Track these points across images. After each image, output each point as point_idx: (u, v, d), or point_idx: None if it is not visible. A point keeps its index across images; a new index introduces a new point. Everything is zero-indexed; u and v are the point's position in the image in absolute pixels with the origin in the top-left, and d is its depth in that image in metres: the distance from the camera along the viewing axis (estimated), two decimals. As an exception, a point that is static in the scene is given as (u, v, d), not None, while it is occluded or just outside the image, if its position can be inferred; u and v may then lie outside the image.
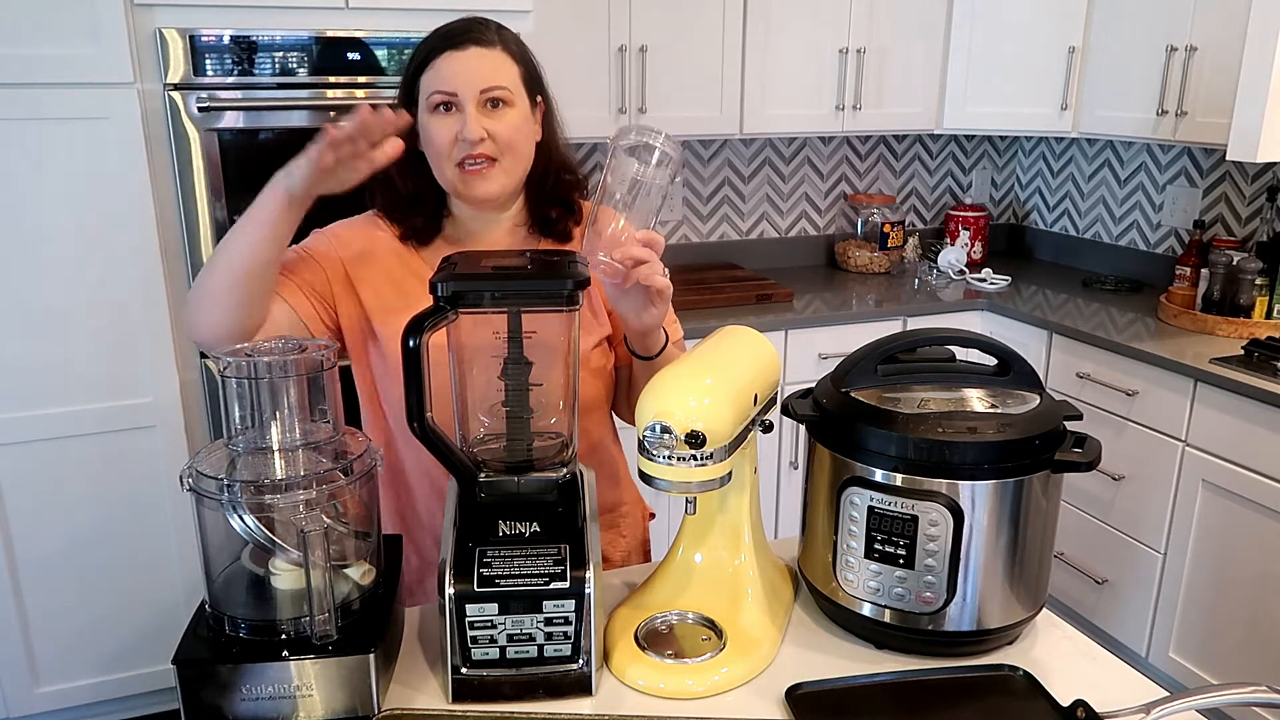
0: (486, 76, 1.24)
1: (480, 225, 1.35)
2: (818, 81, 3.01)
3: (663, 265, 1.13)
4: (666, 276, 1.13)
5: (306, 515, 0.94)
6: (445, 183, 1.28)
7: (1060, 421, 1.12)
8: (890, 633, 1.13)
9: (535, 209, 1.36)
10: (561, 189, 1.37)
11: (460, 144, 1.23)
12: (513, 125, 1.26)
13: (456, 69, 1.24)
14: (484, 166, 1.25)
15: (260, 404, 1.01)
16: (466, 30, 1.26)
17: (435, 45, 1.25)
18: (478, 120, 1.23)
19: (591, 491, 1.14)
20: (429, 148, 1.27)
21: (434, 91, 1.24)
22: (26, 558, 2.25)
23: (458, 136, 1.23)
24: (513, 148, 1.27)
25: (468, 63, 1.24)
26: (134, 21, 2.05)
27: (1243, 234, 2.93)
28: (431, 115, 1.25)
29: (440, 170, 1.27)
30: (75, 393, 2.20)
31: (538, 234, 1.37)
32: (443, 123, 1.24)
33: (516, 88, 1.28)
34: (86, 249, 2.13)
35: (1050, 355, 2.83)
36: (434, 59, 1.25)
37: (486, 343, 1.10)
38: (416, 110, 1.27)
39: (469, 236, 1.36)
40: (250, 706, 0.96)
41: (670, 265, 1.16)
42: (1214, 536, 2.38)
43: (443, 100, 1.24)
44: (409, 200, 1.33)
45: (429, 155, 1.28)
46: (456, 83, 1.23)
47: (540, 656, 1.03)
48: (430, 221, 1.34)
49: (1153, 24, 2.75)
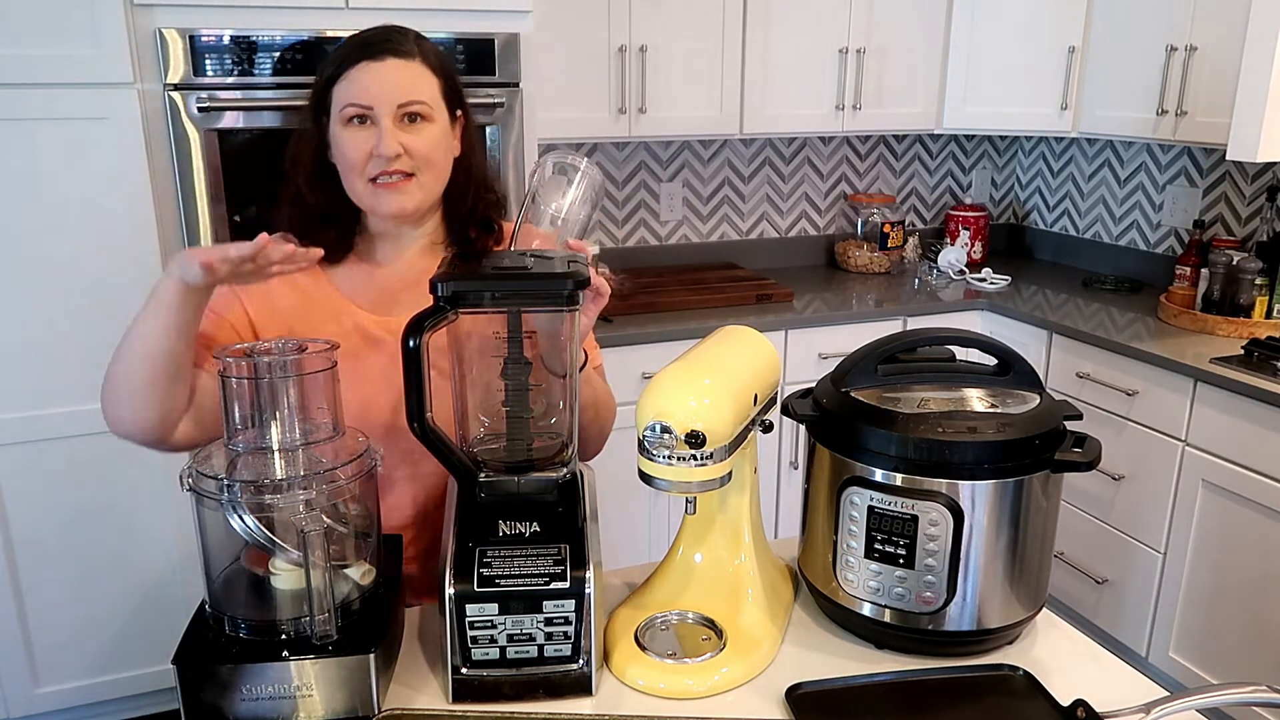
0: (404, 90, 1.19)
1: (394, 243, 1.30)
2: (818, 81, 3.01)
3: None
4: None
5: (306, 515, 0.94)
6: (356, 198, 1.23)
7: (1060, 421, 1.12)
8: (890, 633, 1.13)
9: (454, 227, 1.31)
10: (482, 208, 1.32)
11: (375, 159, 1.19)
12: (430, 141, 1.22)
13: (372, 81, 1.18)
14: (398, 181, 1.20)
15: (260, 404, 1.01)
16: (385, 40, 1.20)
17: (349, 55, 1.20)
18: (394, 135, 1.18)
19: (591, 491, 1.14)
20: (340, 161, 1.22)
21: (348, 104, 1.18)
22: (26, 557, 2.25)
23: (372, 152, 1.18)
24: (430, 164, 1.23)
25: (384, 75, 1.19)
26: (134, 22, 2.05)
27: (1242, 234, 2.93)
28: (344, 128, 1.20)
29: (351, 185, 1.22)
30: (75, 393, 2.20)
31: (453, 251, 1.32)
32: (356, 136, 1.19)
33: (436, 102, 1.23)
34: (86, 249, 2.13)
35: (1050, 355, 2.83)
36: (348, 69, 1.19)
37: (487, 343, 1.10)
38: (328, 120, 1.22)
39: (382, 255, 1.31)
40: (250, 707, 0.96)
41: (670, 265, 1.17)
42: (1214, 536, 2.38)
43: (357, 113, 1.18)
44: (319, 217, 1.26)
45: (340, 169, 1.23)
46: (372, 96, 1.18)
47: (540, 656, 1.03)
48: (342, 238, 1.28)
49: (1152, 24, 2.75)
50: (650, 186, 3.26)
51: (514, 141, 2.35)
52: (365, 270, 1.31)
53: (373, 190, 1.21)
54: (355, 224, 1.29)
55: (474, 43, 2.26)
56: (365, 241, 1.31)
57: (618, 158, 3.19)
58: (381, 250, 1.31)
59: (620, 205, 3.24)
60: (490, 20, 2.29)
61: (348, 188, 1.23)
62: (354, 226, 1.29)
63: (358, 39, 1.21)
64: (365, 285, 1.30)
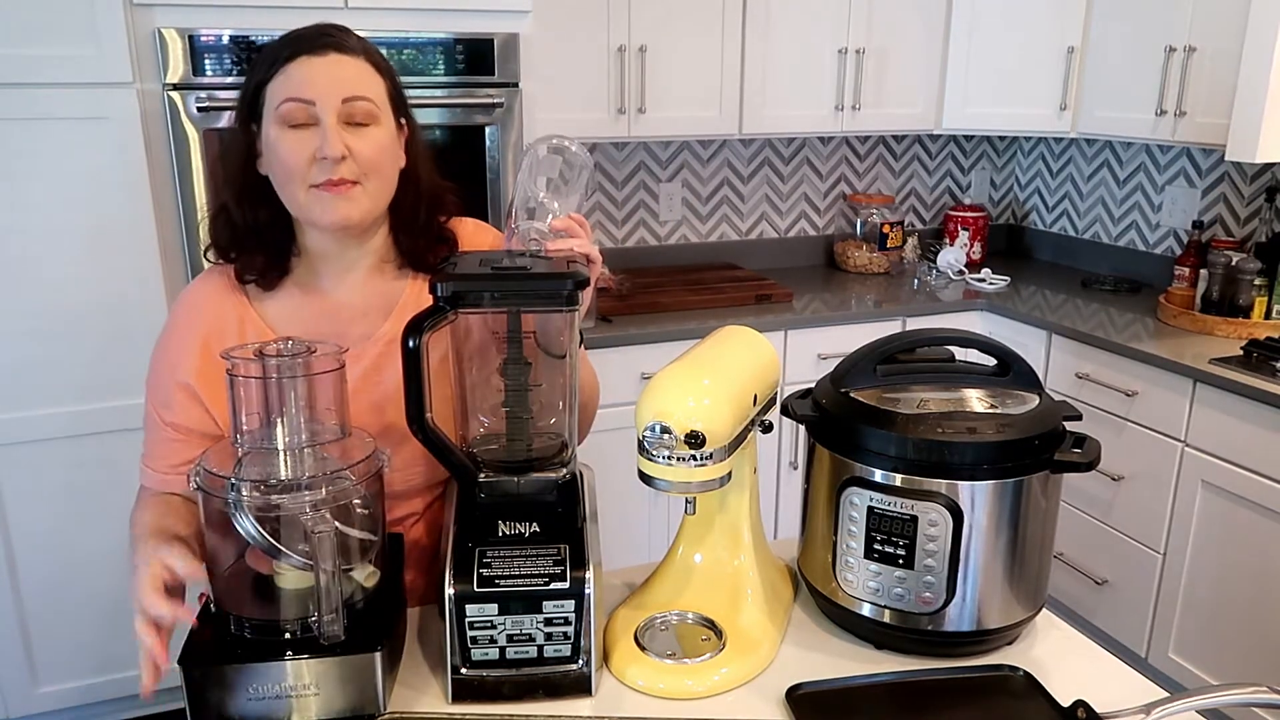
0: (349, 84, 1.08)
1: (337, 264, 1.18)
2: (817, 82, 3.01)
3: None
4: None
5: (314, 517, 0.94)
6: (296, 207, 1.11)
7: (1060, 422, 1.12)
8: (890, 633, 1.13)
9: (404, 243, 1.21)
10: (434, 223, 1.22)
11: (318, 163, 1.07)
12: (378, 144, 1.10)
13: (314, 74, 1.07)
14: (345, 186, 1.09)
15: (267, 404, 1.00)
16: (324, 34, 1.09)
17: (285, 51, 1.08)
18: (338, 134, 1.07)
19: (591, 492, 1.14)
20: (277, 168, 1.09)
21: (286, 99, 1.06)
22: (26, 557, 2.25)
23: (315, 155, 1.06)
24: (378, 170, 1.11)
25: (327, 69, 1.07)
26: (133, 21, 2.05)
27: (1241, 234, 2.94)
28: (282, 130, 1.07)
29: (291, 194, 1.10)
30: (75, 393, 2.20)
31: (409, 271, 1.22)
32: (295, 138, 1.07)
33: (382, 102, 1.12)
34: (86, 249, 2.13)
35: (1050, 355, 2.83)
36: (284, 65, 1.07)
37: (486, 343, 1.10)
38: (258, 126, 1.11)
39: (327, 280, 1.19)
40: (256, 706, 0.96)
41: (670, 265, 1.17)
42: (1214, 536, 2.38)
43: (296, 109, 1.06)
44: (247, 233, 1.15)
45: (276, 177, 1.10)
46: (315, 89, 1.06)
47: (540, 657, 1.03)
48: (274, 260, 1.17)
49: (1152, 24, 2.75)
50: (650, 187, 3.26)
51: (513, 142, 2.35)
52: (308, 300, 1.20)
53: (315, 196, 1.09)
54: (290, 244, 1.18)
55: (473, 43, 2.26)
56: (304, 265, 1.20)
57: (617, 158, 3.19)
58: (325, 274, 1.20)
59: (620, 205, 3.24)
60: (490, 20, 2.29)
61: (287, 198, 1.11)
62: (289, 247, 1.18)
63: (293, 35, 1.09)
64: (308, 317, 1.19)
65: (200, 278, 1.23)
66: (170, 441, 1.18)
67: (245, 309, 1.19)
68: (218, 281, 1.20)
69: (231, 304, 1.19)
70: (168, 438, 1.18)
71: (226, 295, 1.19)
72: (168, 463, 1.19)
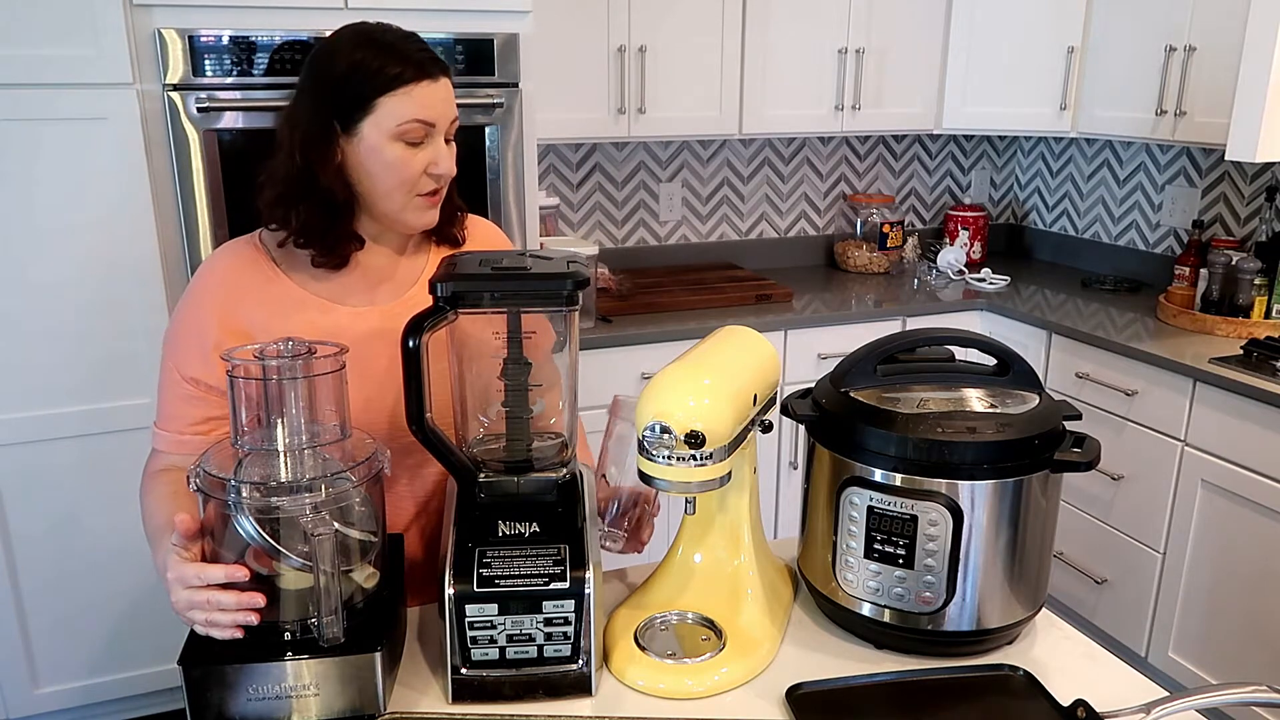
0: (453, 107, 1.22)
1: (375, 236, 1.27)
2: (817, 81, 3.01)
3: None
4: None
5: (314, 519, 0.94)
6: (391, 210, 1.21)
7: (1059, 421, 1.12)
8: (890, 633, 1.13)
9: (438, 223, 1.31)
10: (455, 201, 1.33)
11: (429, 177, 1.20)
12: (456, 155, 1.25)
13: (435, 99, 1.18)
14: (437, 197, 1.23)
15: (268, 405, 1.00)
16: (435, 61, 1.20)
17: (408, 72, 1.16)
18: (450, 153, 1.22)
19: (591, 492, 1.14)
20: (386, 176, 1.18)
21: (413, 120, 1.16)
22: (26, 558, 2.25)
23: (428, 169, 1.19)
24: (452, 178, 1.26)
25: (441, 94, 1.19)
26: (133, 22, 2.05)
27: (1242, 234, 2.94)
28: (395, 144, 1.17)
29: (390, 198, 1.20)
30: (75, 393, 2.20)
31: (430, 240, 1.33)
32: (410, 153, 1.18)
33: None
34: (86, 249, 2.13)
35: (1049, 355, 2.83)
36: (407, 85, 1.16)
37: (486, 343, 1.10)
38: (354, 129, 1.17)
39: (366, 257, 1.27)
40: (257, 706, 0.96)
41: (670, 265, 1.17)
42: (1213, 536, 2.38)
43: (418, 129, 1.17)
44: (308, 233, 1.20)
45: (379, 183, 1.19)
46: (435, 113, 1.18)
47: (540, 657, 1.03)
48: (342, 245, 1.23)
49: (1151, 24, 2.75)
50: (650, 187, 3.26)
51: (513, 141, 2.35)
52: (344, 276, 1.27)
53: (415, 203, 1.21)
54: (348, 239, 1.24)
55: (473, 43, 2.26)
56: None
57: (617, 158, 3.19)
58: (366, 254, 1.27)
59: (620, 205, 3.24)
60: (489, 20, 2.29)
61: (381, 199, 1.20)
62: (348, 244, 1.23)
63: (400, 52, 1.17)
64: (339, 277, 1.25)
65: (222, 247, 1.28)
66: (188, 399, 1.20)
67: (272, 269, 1.23)
68: (243, 249, 1.26)
69: (258, 265, 1.23)
70: (185, 395, 1.20)
71: (253, 258, 1.24)
72: (184, 422, 1.21)
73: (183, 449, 1.20)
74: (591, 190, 3.19)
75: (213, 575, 0.96)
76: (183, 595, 0.97)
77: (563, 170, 3.13)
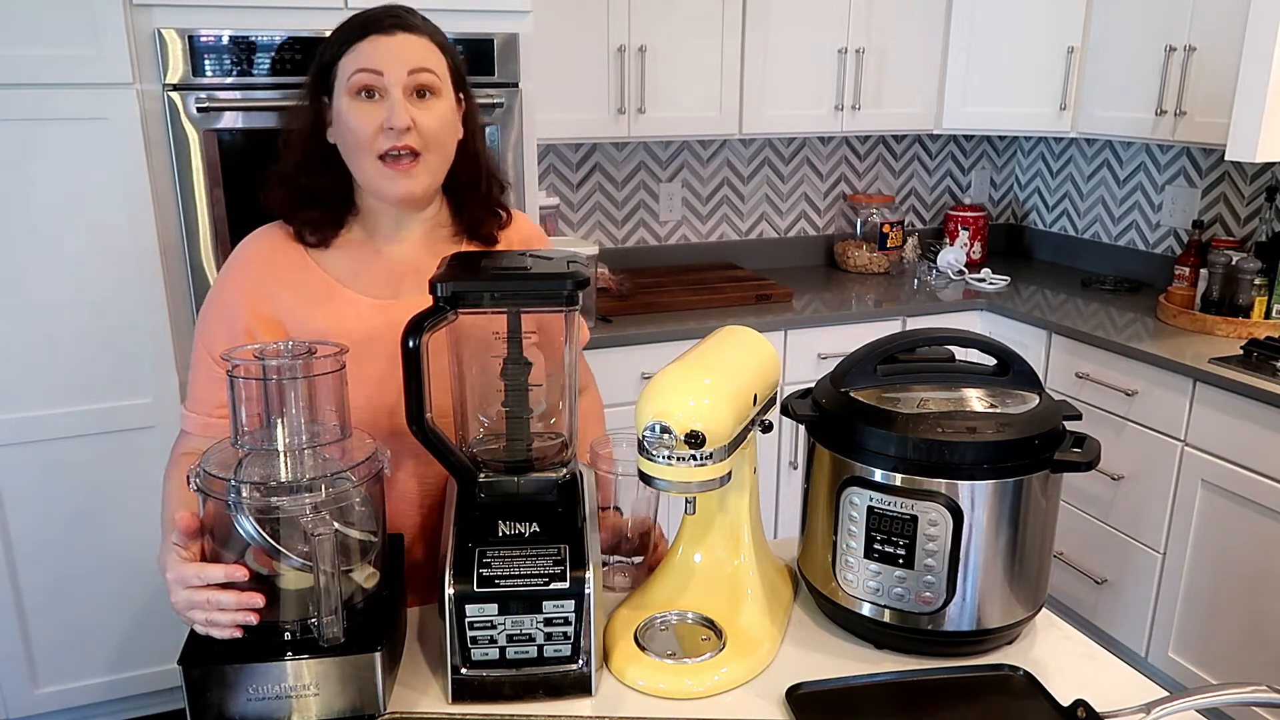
0: (414, 58, 1.16)
1: (393, 226, 1.26)
2: (817, 81, 3.01)
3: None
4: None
5: (314, 519, 0.94)
6: (363, 178, 1.19)
7: (1059, 421, 1.12)
8: (890, 633, 1.13)
9: (463, 212, 1.30)
10: (495, 195, 1.31)
11: (385, 133, 1.15)
12: (440, 117, 1.18)
13: (384, 50, 1.15)
14: (408, 162, 1.17)
15: (268, 405, 1.00)
16: (392, 15, 1.18)
17: (356, 30, 1.17)
18: (405, 106, 1.15)
19: (591, 492, 1.14)
20: (347, 137, 1.17)
21: (358, 70, 1.15)
22: (26, 558, 2.25)
23: (382, 125, 1.14)
24: (439, 144, 1.19)
25: (395, 45, 1.16)
26: (133, 22, 2.05)
27: (1241, 234, 2.94)
28: (352, 101, 1.16)
29: (359, 164, 1.18)
30: (75, 393, 2.20)
31: (462, 236, 1.30)
32: (365, 109, 1.15)
33: (444, 77, 1.20)
34: (86, 249, 2.13)
35: (1049, 355, 2.83)
36: (356, 43, 1.16)
37: (486, 343, 1.10)
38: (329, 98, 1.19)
39: (384, 236, 1.27)
40: (257, 706, 0.96)
41: (670, 265, 1.18)
42: (1213, 536, 2.38)
43: (367, 83, 1.15)
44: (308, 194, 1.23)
45: (345, 147, 1.19)
46: (384, 62, 1.15)
47: (540, 657, 1.03)
48: (331, 217, 1.24)
49: (1151, 24, 2.75)
50: (650, 187, 3.26)
51: (513, 141, 2.35)
52: (364, 254, 1.27)
53: (381, 170, 1.17)
54: (348, 205, 1.25)
55: (473, 43, 2.26)
56: (361, 224, 1.27)
57: (617, 158, 3.19)
58: (381, 234, 1.27)
59: (620, 205, 3.24)
60: (489, 20, 2.29)
61: (355, 167, 1.19)
62: (347, 207, 1.25)
63: (363, 16, 1.18)
64: (363, 268, 1.26)
65: (257, 231, 1.28)
66: (218, 381, 1.18)
67: (303, 256, 1.24)
68: (276, 233, 1.26)
69: (290, 253, 1.24)
70: (217, 377, 1.19)
71: (284, 245, 1.25)
72: (211, 404, 1.22)
73: (209, 431, 1.21)
74: (591, 190, 3.19)
75: (212, 575, 0.96)
76: (182, 595, 0.97)
77: (563, 170, 3.13)
